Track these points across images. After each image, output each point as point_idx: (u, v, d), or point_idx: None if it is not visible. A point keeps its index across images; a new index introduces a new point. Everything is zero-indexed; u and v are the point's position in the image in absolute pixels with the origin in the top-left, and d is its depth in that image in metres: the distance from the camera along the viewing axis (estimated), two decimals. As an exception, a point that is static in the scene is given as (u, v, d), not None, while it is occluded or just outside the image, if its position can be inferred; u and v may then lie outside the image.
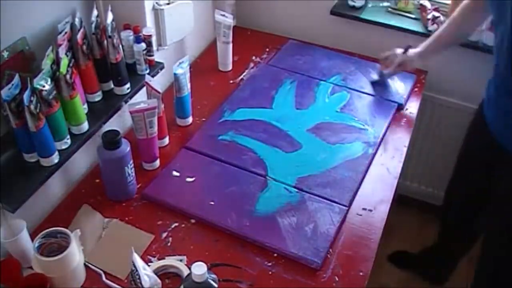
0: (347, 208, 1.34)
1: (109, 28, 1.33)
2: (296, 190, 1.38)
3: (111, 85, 1.43)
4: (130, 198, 1.36)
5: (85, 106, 1.36)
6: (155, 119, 1.37)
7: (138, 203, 1.35)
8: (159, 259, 1.21)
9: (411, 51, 1.66)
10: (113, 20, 1.34)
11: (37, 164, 1.23)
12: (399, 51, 1.68)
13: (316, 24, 2.02)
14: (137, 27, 1.46)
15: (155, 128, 1.38)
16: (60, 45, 1.22)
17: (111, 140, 1.25)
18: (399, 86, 1.77)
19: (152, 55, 1.53)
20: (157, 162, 1.45)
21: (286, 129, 1.57)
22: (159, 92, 1.40)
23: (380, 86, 1.76)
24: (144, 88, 1.46)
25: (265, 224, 1.28)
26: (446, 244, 1.95)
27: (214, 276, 1.04)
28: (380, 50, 1.92)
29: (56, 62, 1.21)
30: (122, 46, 1.43)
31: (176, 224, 1.30)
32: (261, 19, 2.11)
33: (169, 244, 1.25)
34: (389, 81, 1.78)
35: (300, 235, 1.26)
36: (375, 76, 1.79)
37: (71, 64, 1.24)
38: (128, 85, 1.44)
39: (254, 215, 1.30)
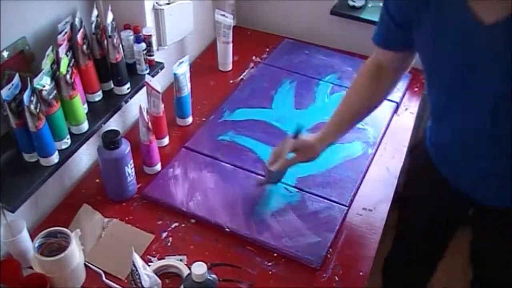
0: (347, 208, 1.34)
1: (109, 28, 1.33)
2: (296, 190, 1.38)
3: (111, 85, 1.43)
4: (130, 198, 1.36)
5: (85, 106, 1.36)
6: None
7: (138, 203, 1.35)
8: (159, 259, 1.21)
9: (308, 135, 1.30)
10: (113, 20, 1.34)
11: (37, 164, 1.23)
12: (289, 138, 1.29)
13: (316, 24, 2.02)
14: (137, 27, 1.46)
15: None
16: (60, 45, 1.22)
17: (111, 140, 1.25)
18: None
19: (152, 55, 1.53)
20: (158, 166, 1.45)
21: (285, 129, 1.57)
22: (159, 92, 1.40)
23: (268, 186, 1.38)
24: (144, 88, 1.46)
25: (265, 224, 1.28)
26: None
27: (214, 276, 1.04)
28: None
29: (56, 62, 1.21)
30: (122, 46, 1.43)
31: (176, 224, 1.30)
32: (261, 19, 2.11)
33: (169, 244, 1.25)
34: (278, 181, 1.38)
35: (300, 235, 1.26)
36: (261, 181, 1.37)
37: (71, 64, 1.24)
38: (128, 85, 1.44)
39: (254, 215, 1.30)
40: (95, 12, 1.33)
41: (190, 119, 1.61)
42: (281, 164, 1.28)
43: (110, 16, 1.33)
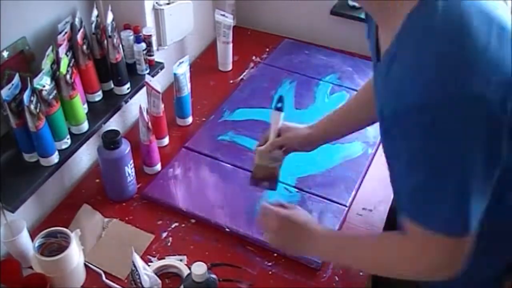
0: (347, 208, 1.34)
1: (109, 28, 1.33)
2: (296, 190, 1.38)
3: (111, 85, 1.43)
4: (130, 198, 1.36)
5: (85, 106, 1.36)
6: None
7: (138, 203, 1.35)
8: (159, 259, 1.21)
9: (299, 127, 1.23)
10: (113, 20, 1.34)
11: (37, 164, 1.23)
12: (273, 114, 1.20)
13: (316, 24, 2.02)
14: (137, 27, 1.46)
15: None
16: (60, 45, 1.22)
17: (111, 140, 1.25)
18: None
19: (152, 55, 1.53)
20: (158, 166, 1.44)
21: (286, 129, 1.57)
22: (159, 92, 1.40)
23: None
24: (144, 88, 1.46)
25: (265, 224, 1.28)
26: None
27: (214, 276, 1.04)
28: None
29: (56, 62, 1.21)
30: (122, 46, 1.43)
31: (176, 224, 1.30)
32: (261, 19, 2.11)
33: (169, 244, 1.25)
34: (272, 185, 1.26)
35: (300, 235, 1.25)
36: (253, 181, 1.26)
37: (71, 64, 1.24)
38: (128, 85, 1.44)
39: (253, 214, 1.30)
40: (95, 12, 1.33)
41: (190, 119, 1.61)
42: (269, 144, 1.19)
43: (110, 16, 1.33)
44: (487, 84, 0.70)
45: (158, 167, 1.43)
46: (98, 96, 1.40)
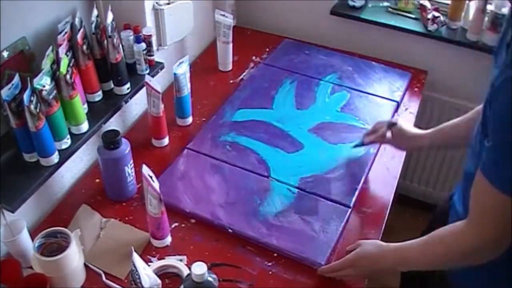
0: (348, 208, 1.33)
1: (109, 28, 1.33)
2: (298, 190, 1.38)
3: (111, 85, 1.43)
4: (130, 198, 1.36)
5: (85, 106, 1.36)
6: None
7: (138, 203, 1.35)
8: (159, 259, 1.21)
9: (410, 126, 1.39)
10: (113, 20, 1.34)
11: (37, 164, 1.23)
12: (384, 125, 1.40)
13: (316, 24, 2.02)
14: (137, 27, 1.46)
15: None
16: (60, 45, 1.22)
17: (111, 140, 1.24)
18: (394, 83, 1.77)
19: (152, 55, 1.53)
20: (169, 238, 1.27)
21: (287, 129, 1.57)
22: (159, 92, 1.40)
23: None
24: (144, 88, 1.46)
25: (267, 224, 1.28)
26: None
27: (214, 276, 1.04)
28: (380, 50, 1.93)
29: (56, 62, 1.21)
30: (122, 46, 1.43)
31: (176, 224, 1.30)
32: (261, 19, 2.11)
33: (169, 244, 1.25)
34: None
35: (302, 235, 1.25)
36: (356, 143, 1.48)
37: (71, 64, 1.24)
38: (128, 85, 1.44)
39: (256, 215, 1.30)
40: (95, 12, 1.33)
41: (190, 119, 1.61)
42: (374, 138, 1.42)
43: (110, 16, 1.33)
44: None
45: (168, 239, 1.26)
46: (98, 96, 1.40)
